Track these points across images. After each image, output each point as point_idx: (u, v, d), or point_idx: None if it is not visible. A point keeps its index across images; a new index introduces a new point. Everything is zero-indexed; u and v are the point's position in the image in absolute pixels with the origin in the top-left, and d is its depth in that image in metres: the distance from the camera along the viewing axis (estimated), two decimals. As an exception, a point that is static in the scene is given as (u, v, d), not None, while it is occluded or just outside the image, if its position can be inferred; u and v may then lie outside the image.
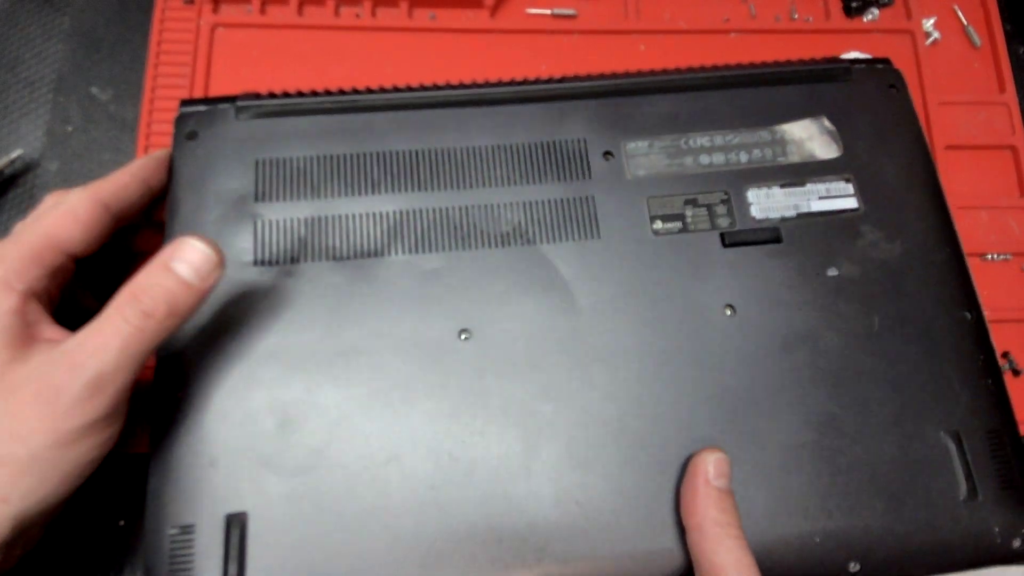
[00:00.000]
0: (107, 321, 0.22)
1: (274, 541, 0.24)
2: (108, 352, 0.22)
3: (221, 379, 0.26)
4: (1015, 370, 0.33)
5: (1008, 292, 0.34)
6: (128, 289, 0.23)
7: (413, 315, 0.27)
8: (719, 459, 0.25)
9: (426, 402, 0.26)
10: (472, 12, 0.36)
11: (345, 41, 0.36)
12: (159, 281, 0.23)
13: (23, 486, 0.21)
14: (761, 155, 0.30)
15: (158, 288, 0.23)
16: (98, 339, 0.22)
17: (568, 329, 0.27)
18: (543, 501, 0.25)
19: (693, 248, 0.29)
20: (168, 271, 0.23)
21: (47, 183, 0.34)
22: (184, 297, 0.23)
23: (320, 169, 0.29)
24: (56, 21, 0.36)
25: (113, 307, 0.22)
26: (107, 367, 0.22)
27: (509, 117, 0.30)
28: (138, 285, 0.23)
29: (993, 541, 0.26)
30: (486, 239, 0.28)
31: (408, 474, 0.25)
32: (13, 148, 0.34)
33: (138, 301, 0.22)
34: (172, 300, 0.23)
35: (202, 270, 0.23)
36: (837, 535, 0.25)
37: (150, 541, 0.24)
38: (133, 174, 0.27)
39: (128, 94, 0.35)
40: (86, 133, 0.35)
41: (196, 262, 0.23)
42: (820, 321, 0.28)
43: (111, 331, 0.22)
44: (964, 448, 0.27)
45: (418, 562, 0.24)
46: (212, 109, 0.30)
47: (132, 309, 0.22)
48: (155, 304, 0.22)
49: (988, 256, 0.35)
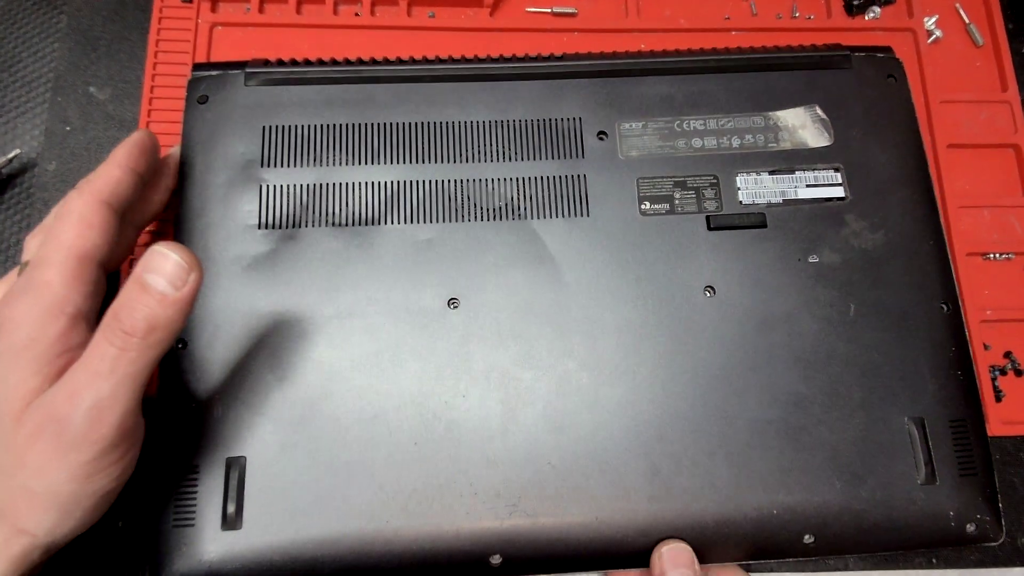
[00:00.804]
0: (95, 346, 0.22)
1: (269, 484, 0.26)
2: (99, 379, 0.21)
3: (224, 334, 0.27)
4: (1017, 370, 0.33)
5: (1010, 291, 0.34)
6: (110, 310, 0.22)
7: (405, 282, 0.28)
8: (675, 553, 0.26)
9: (413, 364, 0.27)
10: (472, 10, 0.36)
11: (344, 40, 0.35)
12: (135, 297, 0.22)
13: (48, 522, 0.22)
14: (753, 141, 0.31)
15: (135, 305, 0.22)
16: (89, 367, 0.21)
17: (552, 302, 0.28)
18: (518, 461, 0.27)
19: (679, 230, 0.30)
20: (142, 286, 0.22)
21: (45, 183, 0.33)
22: (162, 310, 0.22)
23: (323, 137, 0.30)
24: (54, 20, 0.36)
25: (99, 331, 0.22)
26: (102, 393, 0.21)
27: (508, 93, 0.31)
28: (118, 304, 0.22)
29: (947, 524, 0.27)
30: (479, 212, 0.29)
31: (394, 429, 0.27)
32: (11, 148, 0.34)
33: (119, 321, 0.21)
34: (150, 315, 0.22)
35: (176, 279, 0.22)
36: (794, 509, 0.27)
37: (158, 481, 0.26)
38: (120, 165, 0.26)
39: (126, 93, 0.35)
40: (84, 133, 0.34)
41: (169, 271, 0.22)
42: (797, 305, 0.29)
43: (99, 356, 0.21)
44: (927, 434, 0.28)
45: (399, 509, 0.26)
46: (223, 74, 0.31)
47: (113, 331, 0.21)
48: (133, 322, 0.21)
49: (990, 255, 0.35)
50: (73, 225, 0.24)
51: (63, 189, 0.34)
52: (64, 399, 0.21)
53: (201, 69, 0.31)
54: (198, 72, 0.31)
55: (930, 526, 0.27)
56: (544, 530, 0.26)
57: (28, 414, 0.22)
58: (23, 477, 0.21)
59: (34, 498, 0.21)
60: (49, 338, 0.22)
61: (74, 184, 0.32)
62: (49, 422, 0.21)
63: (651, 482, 0.26)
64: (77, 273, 0.23)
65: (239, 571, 0.25)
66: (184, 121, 0.30)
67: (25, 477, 0.21)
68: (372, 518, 0.26)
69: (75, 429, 0.21)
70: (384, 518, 0.26)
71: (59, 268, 0.23)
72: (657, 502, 0.26)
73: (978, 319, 0.33)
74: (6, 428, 0.22)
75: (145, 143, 0.28)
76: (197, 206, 0.29)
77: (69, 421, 0.21)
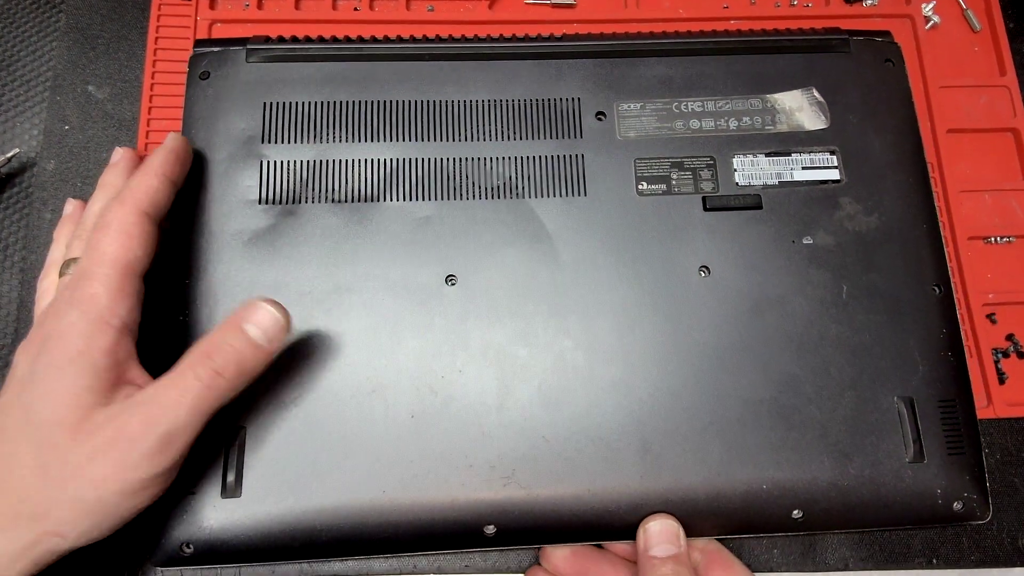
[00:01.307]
0: (180, 378, 0.23)
1: (268, 454, 0.26)
2: (180, 409, 0.23)
3: (224, 307, 0.28)
4: (1020, 352, 0.34)
5: (1012, 275, 0.35)
6: (201, 348, 0.24)
7: (404, 259, 0.29)
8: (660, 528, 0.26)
9: (411, 340, 0.28)
10: (471, 4, 0.36)
11: (343, 34, 0.35)
12: (231, 341, 0.24)
13: (83, 526, 0.23)
14: (750, 123, 0.31)
15: (229, 348, 0.24)
16: (171, 395, 0.23)
17: (549, 281, 0.29)
18: (512, 435, 0.27)
19: (675, 210, 0.30)
20: (240, 332, 0.24)
21: (44, 182, 0.33)
22: (253, 358, 0.24)
23: (323, 114, 0.30)
24: (52, 19, 0.36)
25: (186, 364, 0.23)
26: (178, 423, 0.23)
27: (507, 72, 0.31)
28: (211, 344, 0.24)
29: (935, 502, 0.28)
30: (477, 191, 0.30)
31: (391, 403, 0.27)
32: (9, 147, 0.34)
33: (211, 360, 0.23)
34: (242, 360, 0.24)
35: (271, 332, 0.24)
36: (784, 484, 0.27)
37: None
38: (157, 174, 0.27)
39: (125, 92, 0.35)
40: (83, 132, 0.34)
41: (266, 325, 0.24)
42: (790, 287, 0.29)
43: (183, 388, 0.23)
44: (916, 414, 0.28)
45: (396, 480, 0.26)
46: (224, 51, 0.31)
47: (204, 368, 0.23)
48: (226, 364, 0.23)
49: (991, 239, 0.35)
50: (116, 237, 0.25)
51: (62, 188, 0.33)
52: (139, 423, 0.22)
53: (203, 45, 0.31)
54: (200, 48, 0.31)
55: (917, 503, 0.28)
56: (537, 502, 0.27)
57: (91, 428, 0.22)
58: (75, 487, 0.22)
59: (79, 506, 0.22)
60: (99, 351, 0.23)
61: (73, 183, 0.32)
62: (119, 441, 0.22)
63: (643, 457, 0.27)
64: (121, 285, 0.24)
65: (239, 537, 0.26)
66: (186, 96, 0.30)
67: (77, 487, 0.22)
68: (369, 488, 0.26)
69: (144, 452, 0.22)
70: (381, 488, 0.26)
71: (104, 281, 0.24)
72: (648, 476, 0.27)
73: (980, 303, 0.34)
74: (58, 439, 0.22)
75: (180, 150, 0.28)
76: (198, 180, 0.29)
77: (141, 444, 0.22)
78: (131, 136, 0.34)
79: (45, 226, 0.33)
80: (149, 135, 0.34)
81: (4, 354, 0.32)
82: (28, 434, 0.23)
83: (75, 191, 0.33)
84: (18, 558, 0.22)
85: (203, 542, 0.26)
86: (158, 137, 0.34)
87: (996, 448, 0.33)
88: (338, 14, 0.36)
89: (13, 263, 0.33)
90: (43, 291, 0.29)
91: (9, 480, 0.22)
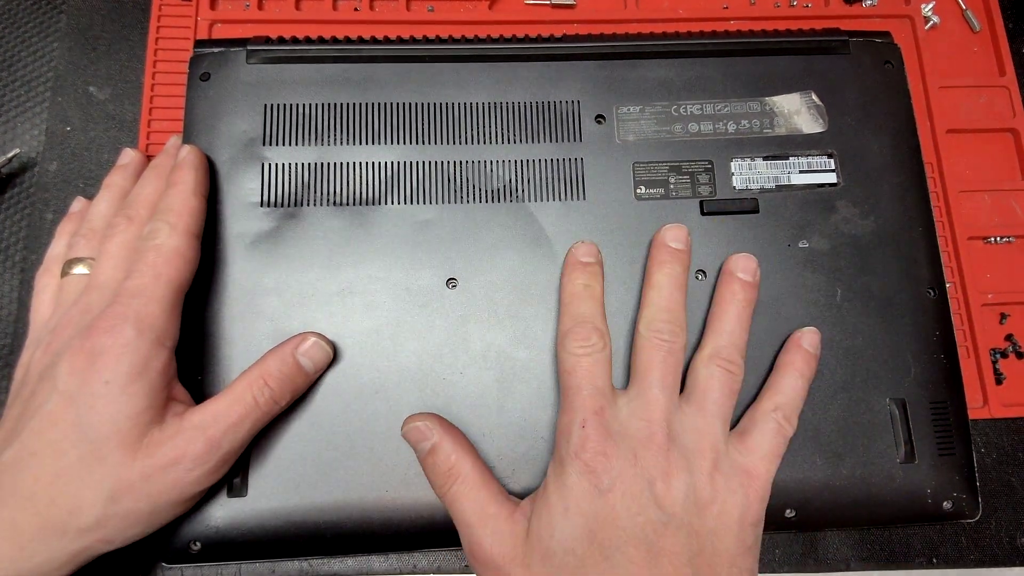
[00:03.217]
0: (239, 402, 0.25)
1: (273, 454, 0.27)
2: (240, 432, 0.25)
3: (227, 309, 0.28)
4: (1018, 352, 0.34)
5: (1011, 275, 0.35)
6: (258, 373, 0.25)
7: (405, 262, 0.29)
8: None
9: (413, 342, 0.28)
10: (471, 4, 0.36)
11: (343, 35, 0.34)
12: (288, 371, 0.26)
13: (131, 533, 0.24)
14: (749, 126, 0.31)
15: (286, 377, 0.26)
16: (233, 417, 0.25)
17: (548, 283, 0.29)
18: (512, 435, 0.28)
19: (673, 214, 0.30)
20: (296, 363, 0.26)
21: (46, 183, 0.34)
22: (303, 385, 0.27)
23: (324, 116, 0.30)
24: (53, 20, 0.36)
25: (244, 387, 0.25)
26: (236, 444, 0.25)
27: (507, 74, 0.31)
28: (267, 371, 0.26)
29: (925, 501, 0.28)
30: (477, 194, 0.30)
31: (393, 405, 0.28)
32: (11, 147, 0.34)
33: (269, 387, 0.25)
34: (295, 388, 0.26)
35: (319, 364, 0.27)
36: (777, 484, 0.27)
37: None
38: (196, 193, 0.28)
39: (127, 93, 0.35)
40: (85, 133, 0.34)
41: (318, 359, 0.27)
42: (785, 290, 0.29)
43: (244, 411, 0.25)
44: (907, 415, 0.29)
45: (398, 479, 0.27)
46: (225, 52, 0.31)
47: (264, 394, 0.25)
48: (283, 392, 0.26)
49: (991, 239, 0.35)
50: (171, 259, 0.26)
51: (64, 189, 0.34)
52: (203, 445, 0.24)
53: (203, 46, 0.31)
54: (200, 49, 0.31)
55: (908, 503, 0.28)
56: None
57: (149, 448, 0.24)
58: (130, 501, 0.23)
59: (132, 517, 0.24)
60: (156, 369, 0.24)
61: (75, 184, 0.32)
62: (182, 460, 0.24)
63: (640, 457, 0.27)
64: (175, 306, 0.26)
65: (244, 535, 0.26)
66: (187, 98, 0.30)
67: (133, 502, 0.23)
68: (372, 488, 0.27)
69: (206, 471, 0.24)
70: (383, 488, 0.27)
71: (161, 302, 0.25)
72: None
73: (979, 303, 0.34)
74: (117, 458, 0.23)
75: (205, 165, 0.29)
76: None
77: (203, 464, 0.24)
78: (132, 137, 0.34)
79: (46, 227, 0.33)
80: (150, 136, 0.34)
81: (4, 354, 0.32)
82: (82, 450, 0.23)
83: (77, 192, 0.34)
84: (66, 564, 0.23)
85: (210, 540, 0.26)
86: (159, 138, 0.34)
87: (993, 448, 0.33)
88: (338, 14, 0.36)
89: (14, 263, 0.33)
90: (42, 287, 0.29)
91: (61, 495, 0.23)
